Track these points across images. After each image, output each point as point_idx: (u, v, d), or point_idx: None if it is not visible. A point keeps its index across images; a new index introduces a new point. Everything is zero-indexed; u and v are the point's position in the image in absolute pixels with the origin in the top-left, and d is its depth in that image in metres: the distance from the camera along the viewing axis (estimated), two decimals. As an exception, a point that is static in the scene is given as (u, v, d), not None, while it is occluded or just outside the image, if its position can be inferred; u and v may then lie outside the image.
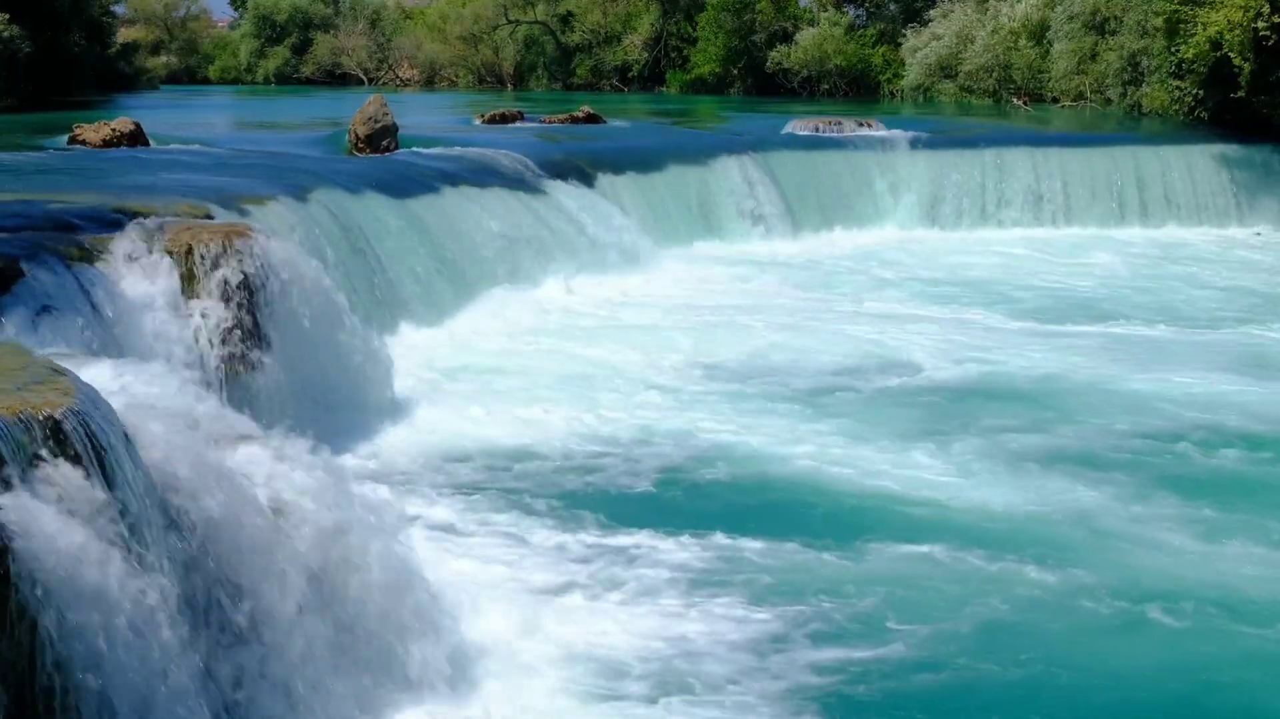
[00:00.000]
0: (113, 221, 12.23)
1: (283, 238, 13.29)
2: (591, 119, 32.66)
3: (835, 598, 9.22)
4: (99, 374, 7.81)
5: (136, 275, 11.48)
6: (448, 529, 10.47)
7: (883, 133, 30.56)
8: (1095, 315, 19.69)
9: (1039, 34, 45.48)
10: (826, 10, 55.61)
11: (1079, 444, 12.87)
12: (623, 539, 10.29)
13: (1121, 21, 38.96)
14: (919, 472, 12.01)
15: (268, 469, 7.64)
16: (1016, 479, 11.81)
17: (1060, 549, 10.09)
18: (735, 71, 57.09)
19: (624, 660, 8.35)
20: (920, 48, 49.42)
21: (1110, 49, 40.06)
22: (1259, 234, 28.23)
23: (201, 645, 6.84)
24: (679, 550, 10.14)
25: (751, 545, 10.18)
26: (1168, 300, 21.11)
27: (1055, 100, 43.70)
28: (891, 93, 52.21)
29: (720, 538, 10.30)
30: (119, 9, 67.08)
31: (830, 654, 8.42)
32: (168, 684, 6.35)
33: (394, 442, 12.59)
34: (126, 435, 6.89)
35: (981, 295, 21.12)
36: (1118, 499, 11.26)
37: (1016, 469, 12.08)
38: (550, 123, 32.74)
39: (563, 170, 23.40)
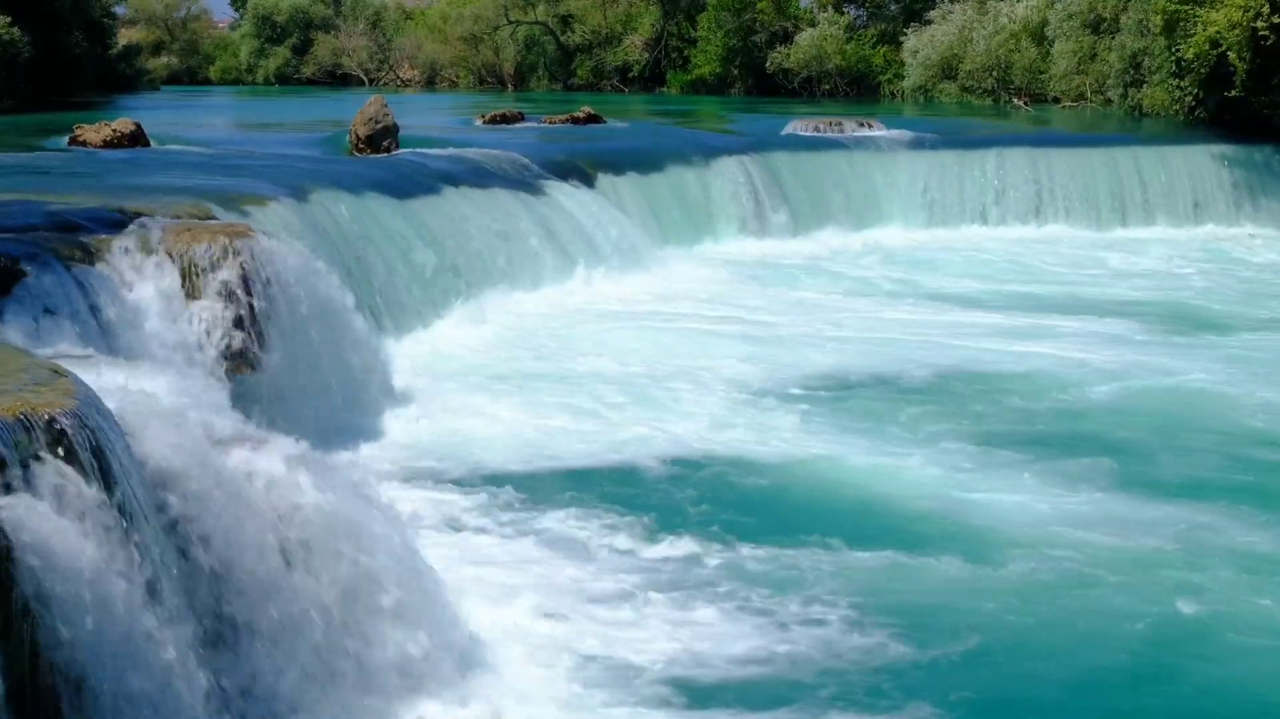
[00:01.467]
0: (113, 222, 12.23)
1: (284, 238, 13.29)
2: (592, 119, 32.67)
3: (962, 623, 8.85)
4: (99, 375, 7.81)
5: (137, 276, 11.47)
6: (451, 530, 10.45)
7: (883, 133, 30.58)
8: (1214, 327, 18.59)
9: (1039, 34, 45.50)
10: (826, 10, 55.61)
11: (1241, 473, 11.94)
12: (631, 543, 10.24)
13: (1120, 21, 38.97)
14: (1032, 497, 11.27)
15: (269, 470, 7.63)
16: (1158, 511, 10.98)
17: (1207, 583, 9.46)
18: (735, 72, 57.10)
19: (640, 666, 8.30)
20: (920, 48, 49.43)
21: (1110, 49, 40.07)
22: (1252, 235, 28.21)
23: (202, 646, 6.84)
24: (715, 559, 9.99)
25: (828, 559, 9.89)
26: (1275, 310, 20.04)
27: (1056, 100, 43.71)
28: (892, 93, 52.23)
29: (789, 553, 9.95)
30: (119, 10, 67.16)
31: (974, 679, 8.15)
32: (167, 684, 6.35)
33: (395, 442, 12.57)
34: (126, 437, 6.89)
35: (1051, 301, 20.56)
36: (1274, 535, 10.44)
37: (1158, 500, 11.23)
38: (551, 123, 32.77)
39: (563, 171, 23.40)
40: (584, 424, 13.32)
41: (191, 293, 11.63)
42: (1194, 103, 33.02)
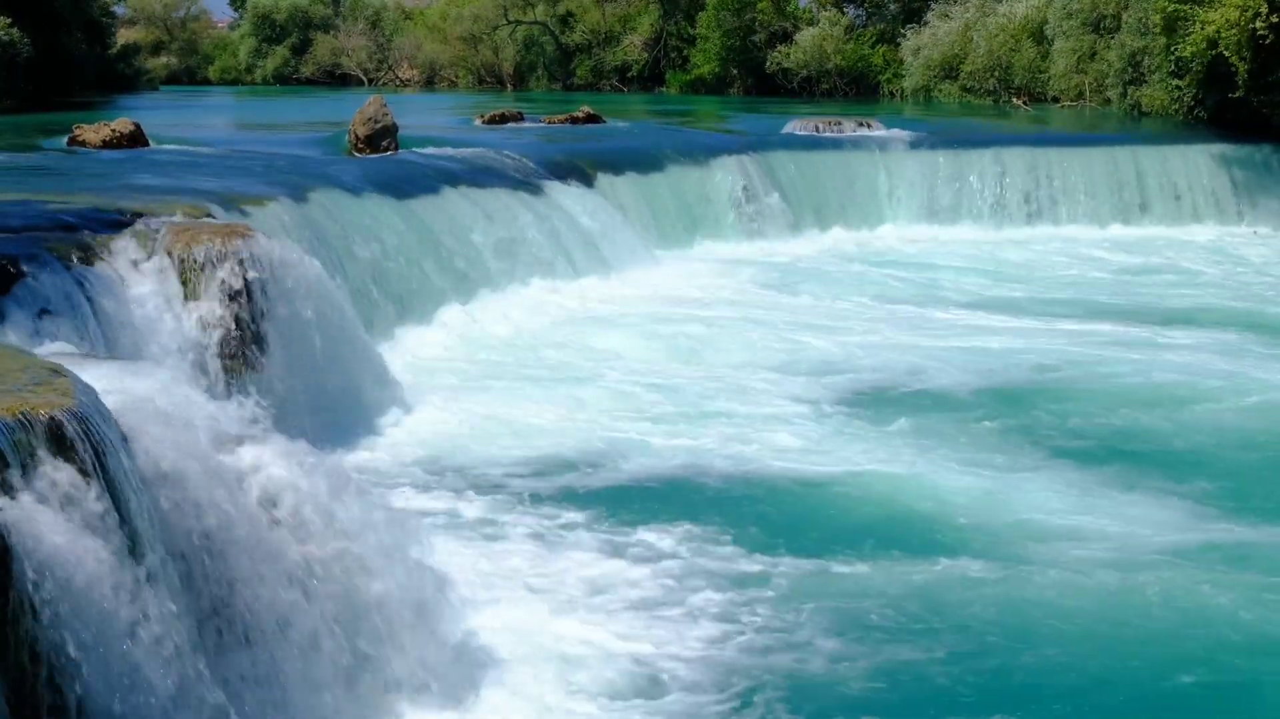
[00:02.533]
0: (113, 222, 12.23)
1: (282, 238, 13.28)
2: (591, 119, 32.67)
3: (1064, 647, 8.52)
4: (98, 375, 7.79)
5: (136, 276, 11.47)
6: (451, 530, 10.42)
7: (882, 133, 30.57)
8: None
9: (1039, 33, 45.51)
10: (826, 10, 55.62)
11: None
12: (632, 539, 10.22)
13: (1120, 20, 38.98)
14: (1134, 524, 10.45)
15: (267, 469, 7.62)
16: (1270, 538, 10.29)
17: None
18: (735, 72, 57.14)
19: (639, 666, 8.24)
20: (920, 48, 49.45)
21: (1110, 48, 40.09)
22: (1256, 233, 28.22)
23: (201, 646, 6.84)
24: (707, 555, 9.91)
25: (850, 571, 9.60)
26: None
27: (1055, 100, 43.70)
28: (891, 93, 52.24)
29: (866, 574, 9.57)
30: (119, 10, 67.20)
31: (1087, 699, 7.96)
32: (166, 684, 6.35)
33: (394, 442, 12.56)
34: (125, 436, 6.89)
35: (1100, 308, 19.94)
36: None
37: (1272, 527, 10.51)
38: (550, 123, 32.78)
39: (563, 171, 23.40)
40: (592, 426, 13.20)
41: (191, 293, 11.63)
42: (1193, 102, 33.05)
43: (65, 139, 23.47)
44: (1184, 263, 24.78)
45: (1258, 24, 28.51)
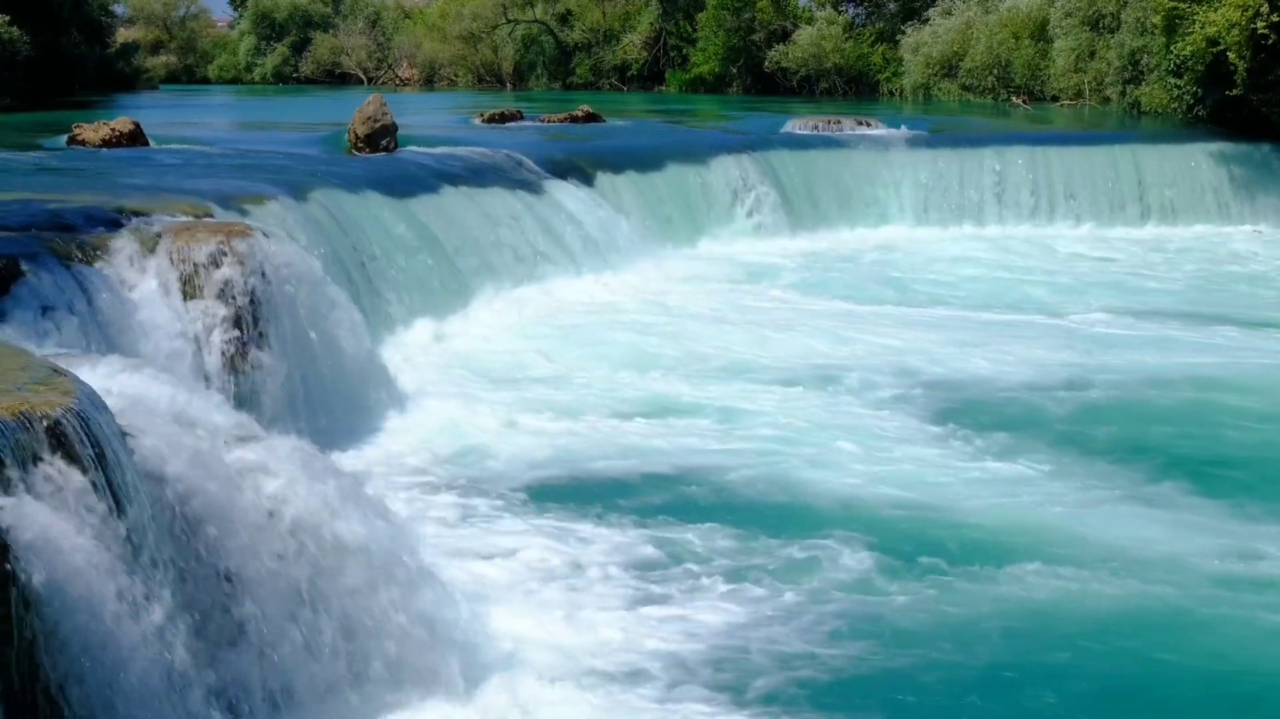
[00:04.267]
0: (112, 221, 12.23)
1: (282, 237, 13.28)
2: (591, 118, 32.67)
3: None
4: (98, 374, 7.80)
5: (136, 275, 11.47)
6: (450, 529, 10.41)
7: (882, 131, 30.56)
8: None
9: (1039, 32, 45.51)
10: (824, 9, 55.60)
11: None
12: (622, 538, 10.21)
13: (1120, 19, 39.00)
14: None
15: (267, 469, 7.62)
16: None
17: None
18: (734, 70, 57.14)
19: (636, 663, 8.23)
20: (920, 46, 49.44)
21: (1109, 47, 40.11)
22: (1259, 232, 28.21)
23: (200, 646, 6.83)
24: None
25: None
26: None
27: (1055, 99, 43.69)
28: (891, 92, 52.22)
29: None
30: (118, 9, 67.13)
31: None
32: (165, 684, 6.35)
33: (394, 441, 12.52)
34: (125, 436, 6.89)
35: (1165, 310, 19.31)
36: None
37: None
38: (550, 122, 32.77)
39: (563, 170, 23.40)
40: (597, 426, 13.13)
41: (190, 292, 11.63)
42: (1192, 101, 33.05)
43: (65, 138, 23.45)
44: (1209, 263, 24.47)
45: (1259, 24, 28.50)
